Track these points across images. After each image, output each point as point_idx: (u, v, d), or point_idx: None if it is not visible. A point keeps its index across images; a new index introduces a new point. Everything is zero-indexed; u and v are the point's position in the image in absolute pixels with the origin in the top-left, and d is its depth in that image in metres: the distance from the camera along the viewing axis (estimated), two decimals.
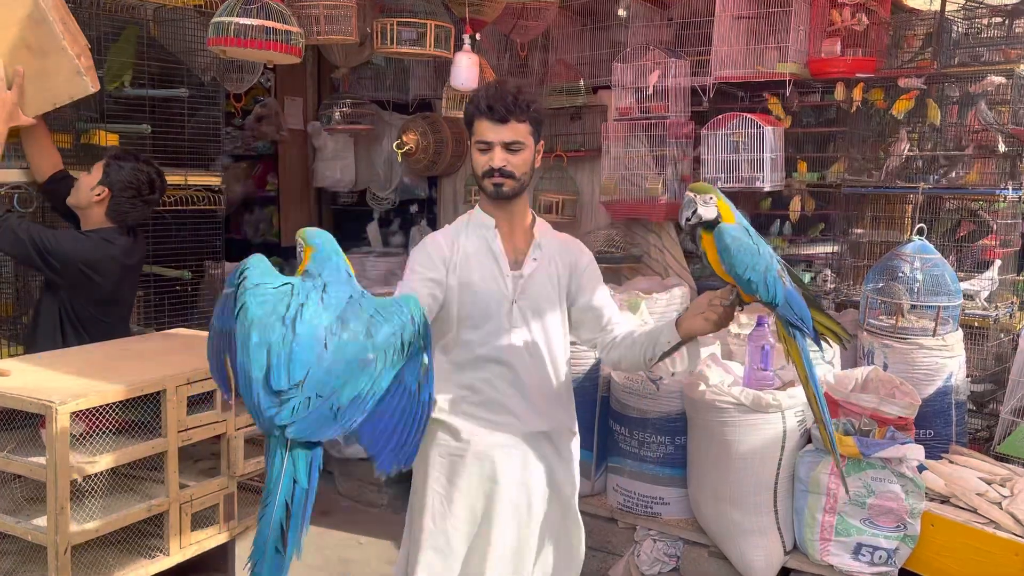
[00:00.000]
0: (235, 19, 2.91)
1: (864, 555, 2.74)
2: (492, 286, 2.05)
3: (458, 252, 2.08)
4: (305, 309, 1.55)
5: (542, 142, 2.13)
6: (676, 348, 2.05)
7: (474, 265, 2.06)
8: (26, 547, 1.99)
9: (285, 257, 5.37)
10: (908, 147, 3.67)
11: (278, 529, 1.49)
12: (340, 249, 1.74)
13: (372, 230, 5.54)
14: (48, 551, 1.84)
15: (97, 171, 2.65)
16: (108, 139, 2.99)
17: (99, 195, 2.63)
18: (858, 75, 3.68)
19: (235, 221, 5.93)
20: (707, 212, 1.90)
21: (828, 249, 4.35)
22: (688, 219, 1.92)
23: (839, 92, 3.76)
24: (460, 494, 2.08)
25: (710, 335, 2.80)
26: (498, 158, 2.00)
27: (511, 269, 2.07)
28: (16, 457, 1.90)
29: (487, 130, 2.01)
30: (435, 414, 2.05)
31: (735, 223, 1.90)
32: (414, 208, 5.42)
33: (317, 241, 1.73)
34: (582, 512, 3.37)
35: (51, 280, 2.58)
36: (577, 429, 2.25)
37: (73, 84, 2.60)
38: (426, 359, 1.64)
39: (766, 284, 1.84)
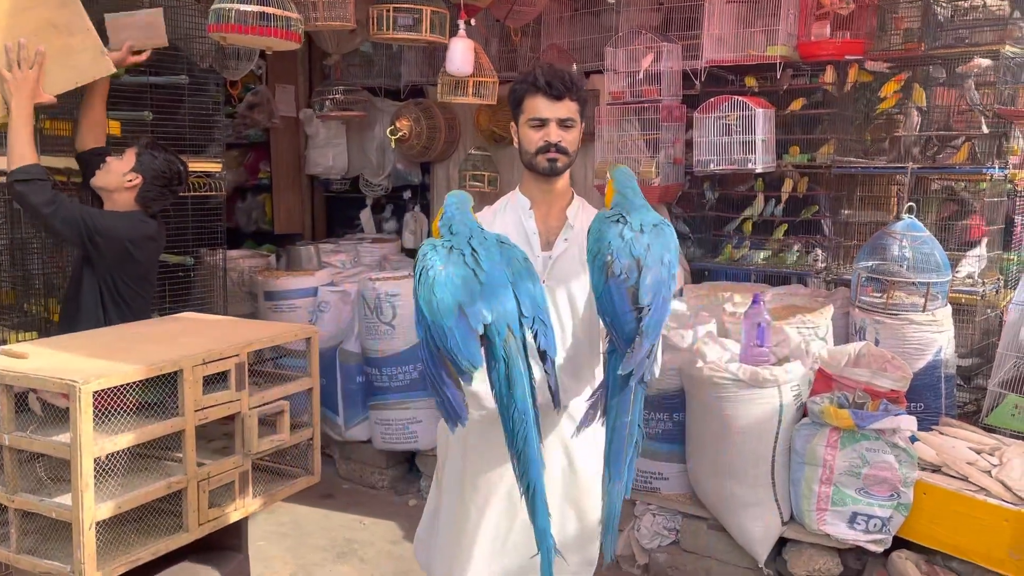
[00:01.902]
0: (235, 6, 2.94)
1: (859, 524, 2.83)
2: None
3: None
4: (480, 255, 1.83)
5: (583, 124, 2.18)
6: None
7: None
8: (47, 525, 2.03)
9: (279, 244, 5.40)
10: (919, 122, 3.72)
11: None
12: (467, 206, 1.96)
13: (365, 216, 5.57)
14: (73, 527, 1.87)
15: (129, 158, 2.71)
16: (110, 126, 3.01)
17: (131, 181, 2.69)
18: (847, 57, 3.75)
19: (228, 209, 5.93)
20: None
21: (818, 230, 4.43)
22: None
23: (828, 75, 3.84)
24: (480, 458, 2.16)
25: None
26: (555, 133, 2.06)
27: (543, 250, 2.12)
28: (39, 437, 1.94)
29: (543, 107, 2.07)
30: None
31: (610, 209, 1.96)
32: (407, 194, 5.45)
33: (449, 202, 1.95)
34: None
35: (92, 258, 2.63)
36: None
37: (97, 64, 2.67)
38: None
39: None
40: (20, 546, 2.00)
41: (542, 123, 2.07)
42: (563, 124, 2.07)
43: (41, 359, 2.04)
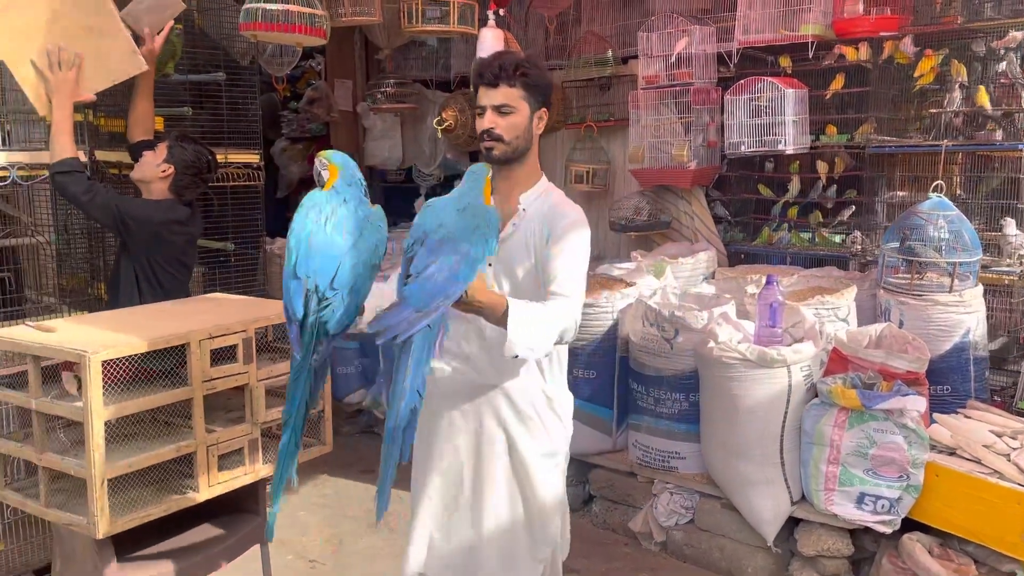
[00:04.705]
0: (262, 5, 3.13)
1: (867, 504, 2.81)
2: None
3: None
4: (333, 218, 1.85)
5: (544, 110, 2.12)
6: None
7: None
8: (74, 485, 2.25)
9: None
10: (961, 98, 3.62)
11: None
12: (357, 168, 2.00)
13: (419, 206, 5.73)
14: (87, 484, 2.08)
15: (161, 150, 2.93)
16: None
17: (164, 172, 2.91)
18: (882, 34, 3.67)
19: (293, 201, 6.22)
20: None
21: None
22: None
23: (863, 52, 3.76)
24: (431, 435, 2.25)
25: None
26: (487, 120, 2.05)
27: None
28: (59, 402, 2.15)
29: (481, 95, 2.10)
30: None
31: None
32: (457, 183, 5.56)
33: (339, 160, 1.96)
34: (605, 468, 3.57)
35: (127, 242, 2.88)
36: (558, 395, 2.21)
37: (129, 62, 2.89)
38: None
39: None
40: (49, 501, 2.22)
41: (482, 110, 2.08)
42: (498, 110, 2.04)
43: (67, 333, 2.26)
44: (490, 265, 2.12)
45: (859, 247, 3.93)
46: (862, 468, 2.80)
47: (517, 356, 1.90)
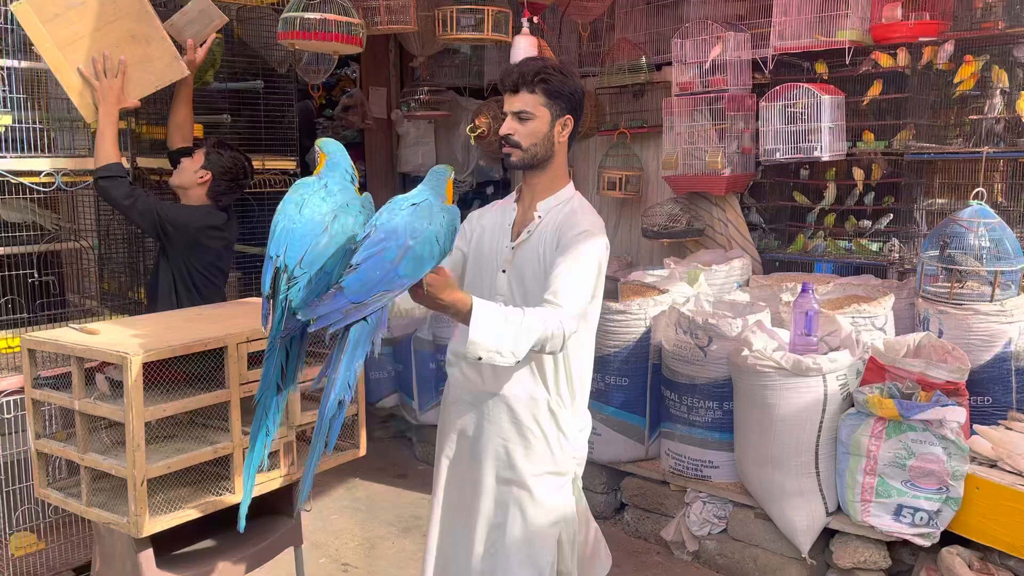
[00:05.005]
0: (300, 14, 3.18)
1: (905, 516, 2.76)
2: (492, 255, 2.14)
3: (479, 224, 2.22)
4: (311, 201, 1.86)
5: (569, 117, 2.08)
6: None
7: (487, 236, 2.17)
8: (115, 485, 2.29)
9: None
10: (1002, 104, 3.56)
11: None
12: (348, 157, 2.01)
13: None
14: (128, 483, 2.12)
15: (199, 157, 2.99)
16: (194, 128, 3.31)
17: (202, 178, 2.96)
18: (921, 39, 3.62)
19: None
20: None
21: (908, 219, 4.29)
22: None
23: (902, 57, 3.72)
24: (443, 438, 2.27)
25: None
26: (505, 126, 2.05)
27: (512, 240, 2.11)
28: (101, 403, 2.20)
29: (504, 101, 2.10)
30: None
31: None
32: (490, 190, 5.62)
33: (330, 149, 1.97)
34: (637, 476, 3.56)
35: (166, 247, 2.94)
36: (565, 412, 2.12)
37: (172, 68, 2.96)
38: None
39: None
40: (90, 500, 2.27)
41: (505, 116, 2.07)
42: (517, 116, 2.03)
43: (109, 335, 2.30)
44: (504, 272, 2.12)
45: (897, 255, 3.88)
46: (900, 479, 2.76)
47: (481, 359, 1.85)
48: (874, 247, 4.02)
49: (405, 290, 1.79)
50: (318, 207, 1.88)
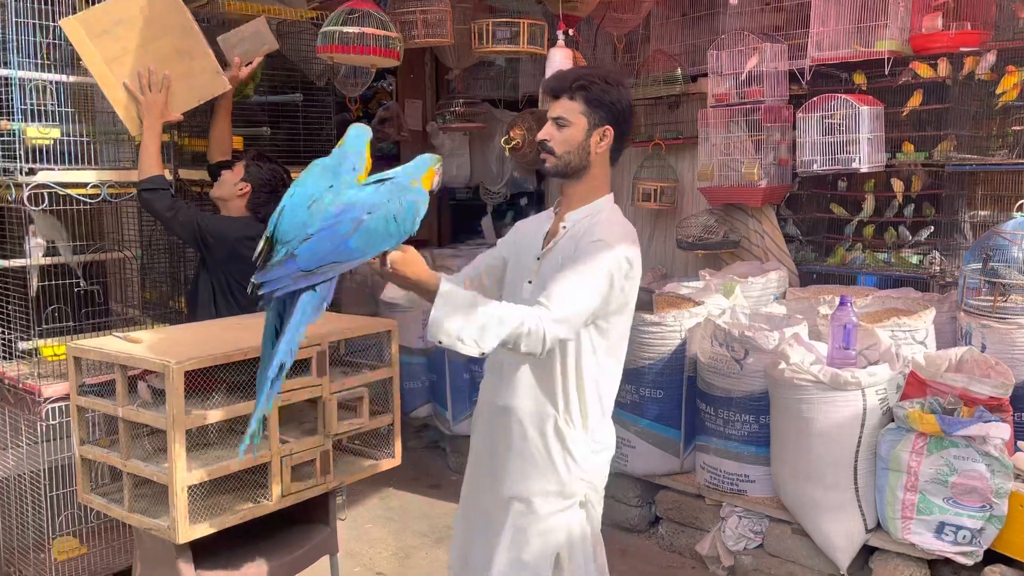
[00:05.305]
0: (339, 28, 3.22)
1: (947, 534, 2.71)
2: (523, 265, 2.14)
3: (520, 232, 2.23)
4: (306, 179, 1.90)
5: (608, 128, 2.03)
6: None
7: (523, 245, 2.17)
8: (156, 491, 2.33)
9: None
10: None
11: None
12: (361, 143, 2.00)
13: (486, 223, 5.80)
14: (169, 490, 2.16)
15: (239, 169, 3.04)
16: (234, 141, 3.37)
17: (242, 190, 3.02)
18: (962, 49, 3.58)
19: None
20: None
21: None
22: None
23: (942, 68, 3.67)
24: (470, 446, 2.31)
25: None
26: (543, 131, 2.05)
27: (540, 250, 2.11)
28: (144, 410, 2.24)
29: (548, 107, 2.09)
30: None
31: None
32: (524, 201, 5.64)
33: (350, 135, 2.01)
34: (672, 490, 3.53)
35: (206, 258, 2.99)
36: (574, 433, 2.06)
37: (214, 83, 3.02)
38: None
39: None
40: (132, 506, 2.30)
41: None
42: (556, 122, 2.02)
43: (151, 344, 2.35)
44: (529, 282, 2.10)
45: (938, 268, 3.82)
46: (942, 496, 2.71)
47: (442, 343, 1.82)
48: (914, 259, 3.96)
49: (357, 263, 1.81)
50: (310, 186, 1.89)
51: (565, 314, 1.89)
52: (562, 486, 2.06)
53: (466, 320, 1.81)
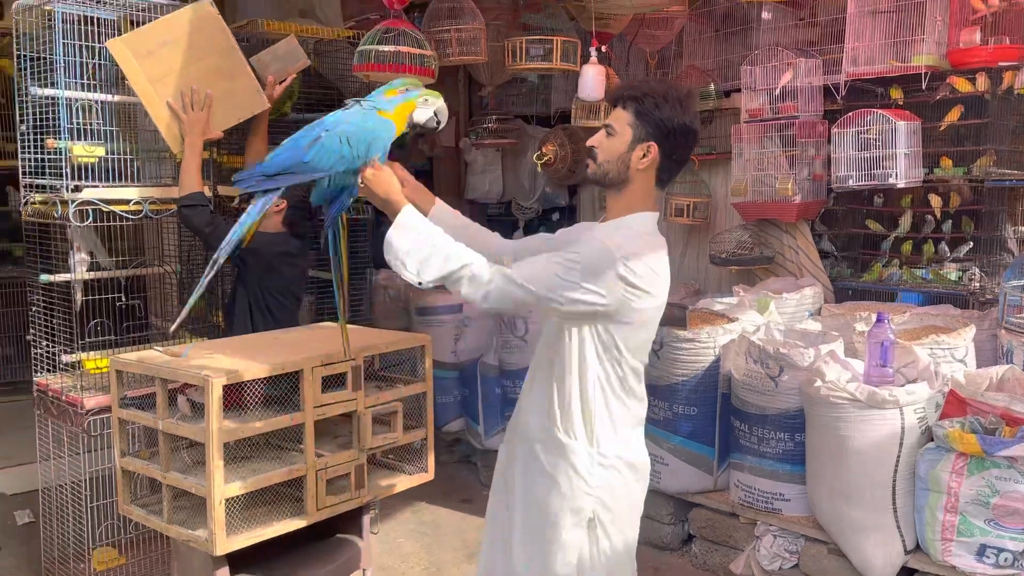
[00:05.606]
0: (375, 47, 3.27)
1: (989, 557, 2.66)
2: None
3: (565, 239, 2.23)
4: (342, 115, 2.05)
5: (652, 144, 1.95)
6: None
7: (562, 244, 2.13)
8: (197, 502, 2.37)
9: None
10: None
11: None
12: (391, 92, 2.09)
13: (517, 238, 5.81)
14: (207, 502, 2.19)
15: None
16: None
17: (278, 206, 3.07)
18: (1000, 64, 3.53)
19: None
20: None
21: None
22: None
23: (981, 82, 3.63)
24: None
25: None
26: (594, 136, 2.03)
27: None
28: (183, 423, 2.28)
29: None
30: None
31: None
32: (555, 216, 5.64)
33: (390, 84, 2.11)
34: (706, 508, 3.50)
35: (242, 273, 3.04)
36: (577, 446, 2.02)
37: (254, 102, 3.08)
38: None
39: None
40: (171, 518, 2.34)
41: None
42: (606, 129, 2.02)
43: (190, 358, 2.39)
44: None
45: (977, 284, 3.76)
46: (983, 518, 2.66)
47: (390, 264, 1.94)
48: (953, 276, 3.91)
49: (314, 176, 1.99)
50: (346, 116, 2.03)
51: (521, 276, 1.91)
52: (569, 501, 2.03)
53: (415, 247, 1.92)
